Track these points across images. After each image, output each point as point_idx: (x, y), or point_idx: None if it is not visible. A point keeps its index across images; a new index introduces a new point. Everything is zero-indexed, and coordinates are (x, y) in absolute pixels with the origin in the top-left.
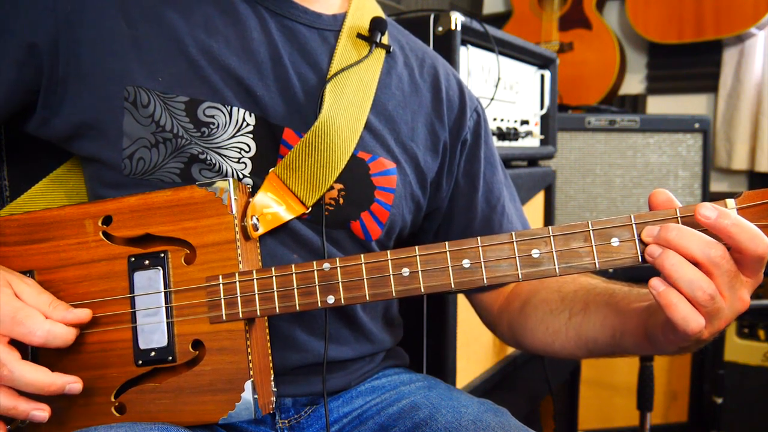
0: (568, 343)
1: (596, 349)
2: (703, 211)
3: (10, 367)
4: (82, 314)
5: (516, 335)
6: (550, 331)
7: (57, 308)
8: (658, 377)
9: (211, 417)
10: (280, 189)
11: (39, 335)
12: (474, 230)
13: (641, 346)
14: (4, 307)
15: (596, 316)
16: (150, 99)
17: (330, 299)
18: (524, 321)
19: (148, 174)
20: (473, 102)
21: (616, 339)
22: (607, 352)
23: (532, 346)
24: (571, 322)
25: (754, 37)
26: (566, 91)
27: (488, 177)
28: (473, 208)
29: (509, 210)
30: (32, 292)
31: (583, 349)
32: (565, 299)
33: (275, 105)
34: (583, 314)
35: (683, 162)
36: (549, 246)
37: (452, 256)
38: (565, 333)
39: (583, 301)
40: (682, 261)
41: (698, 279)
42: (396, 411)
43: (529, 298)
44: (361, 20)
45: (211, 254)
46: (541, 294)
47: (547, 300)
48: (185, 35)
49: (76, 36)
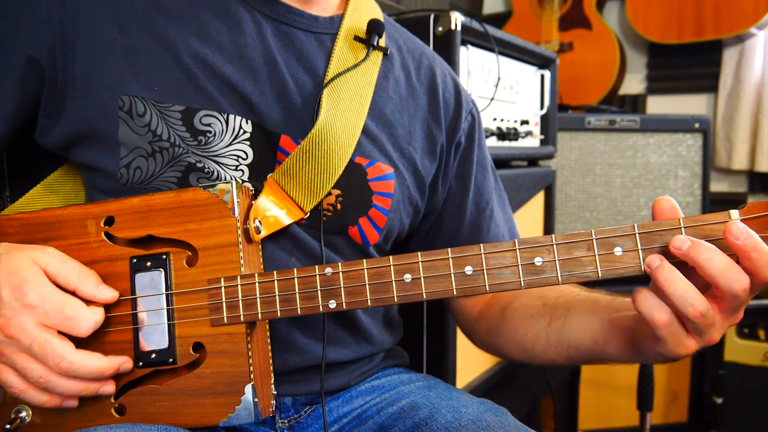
0: (548, 348)
1: (576, 355)
2: (734, 231)
3: (70, 359)
4: (111, 296)
5: (495, 340)
6: (529, 336)
7: (87, 281)
8: (658, 377)
9: (211, 420)
10: (280, 194)
11: (87, 326)
12: (462, 233)
13: (625, 354)
14: (50, 301)
15: (578, 323)
16: (146, 108)
17: (332, 304)
18: (504, 325)
19: (146, 183)
20: (468, 104)
21: (598, 346)
22: (588, 358)
23: (509, 351)
24: (551, 327)
25: (754, 37)
26: (566, 91)
27: (479, 180)
28: (463, 211)
29: (497, 214)
30: (58, 264)
31: (563, 355)
32: (547, 304)
33: (271, 112)
34: (564, 320)
35: (683, 162)
36: (552, 254)
37: (454, 263)
38: (546, 338)
39: (565, 307)
40: (677, 276)
41: (690, 294)
42: (396, 411)
43: (510, 302)
44: (358, 22)
45: (213, 257)
46: (522, 299)
47: (529, 305)
48: (179, 43)
49: (72, 45)
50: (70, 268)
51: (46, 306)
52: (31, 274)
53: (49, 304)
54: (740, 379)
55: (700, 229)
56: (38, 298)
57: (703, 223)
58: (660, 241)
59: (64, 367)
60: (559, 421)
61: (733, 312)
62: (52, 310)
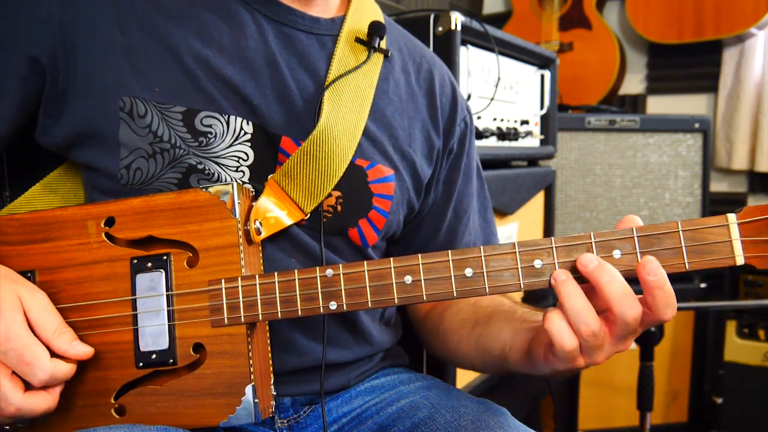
0: (469, 351)
1: (491, 360)
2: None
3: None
4: (84, 352)
5: (432, 340)
6: (455, 339)
7: (62, 336)
8: (658, 377)
9: (211, 420)
10: (280, 195)
11: (41, 378)
12: (439, 237)
13: (522, 363)
14: (15, 342)
15: (493, 329)
16: (147, 109)
17: (332, 305)
18: (439, 326)
19: (146, 184)
20: (463, 111)
21: (504, 353)
22: (498, 365)
23: (441, 352)
24: (473, 332)
25: (754, 37)
26: (566, 91)
27: (461, 188)
28: (443, 218)
29: (473, 222)
30: (41, 312)
31: (480, 360)
32: (477, 311)
33: (272, 113)
34: (484, 326)
35: (683, 162)
36: (551, 257)
37: (455, 265)
38: (467, 341)
39: (488, 314)
40: (577, 292)
41: (587, 312)
42: (395, 411)
43: (449, 305)
44: (359, 24)
45: (213, 258)
46: (460, 303)
47: (462, 310)
48: (179, 44)
49: (73, 46)
50: (50, 320)
51: (8, 345)
52: (7, 308)
53: (12, 343)
54: (740, 379)
55: (698, 233)
56: (3, 335)
57: (701, 226)
58: (658, 244)
59: (11, 413)
60: (559, 421)
61: (622, 339)
62: (12, 351)
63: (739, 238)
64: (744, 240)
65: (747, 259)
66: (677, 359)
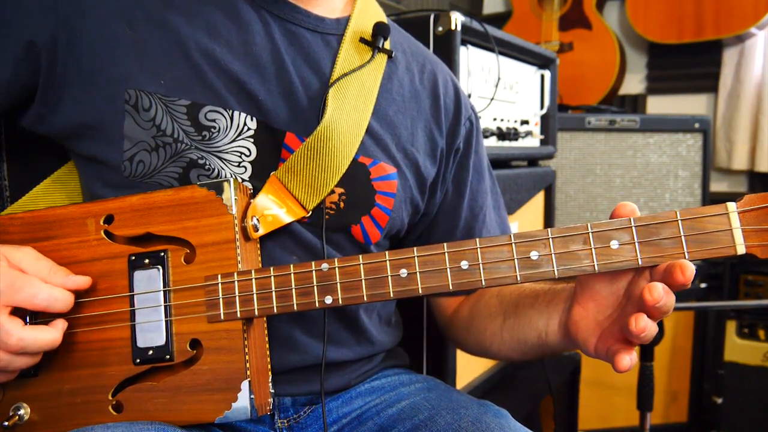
0: (503, 345)
1: (528, 350)
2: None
3: (19, 335)
4: (81, 281)
5: (464, 338)
6: (488, 334)
7: (57, 273)
8: (658, 377)
9: (207, 416)
10: (281, 192)
11: (41, 298)
12: (456, 237)
13: (563, 343)
14: (2, 277)
15: (524, 319)
16: (152, 102)
17: (328, 299)
18: (470, 324)
19: (147, 177)
20: (468, 110)
21: (542, 339)
22: (538, 352)
23: (475, 348)
24: (505, 325)
25: (754, 37)
26: (566, 91)
27: (474, 186)
28: (457, 216)
29: (490, 218)
30: (30, 259)
31: (518, 351)
32: (503, 303)
33: (277, 109)
34: (515, 318)
35: (683, 162)
36: (548, 248)
37: (450, 257)
38: (501, 335)
39: (514, 304)
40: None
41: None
42: (395, 412)
43: (475, 302)
44: (364, 24)
45: (210, 254)
46: (485, 298)
47: (490, 303)
48: (188, 39)
49: (76, 37)
50: (42, 264)
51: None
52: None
53: (2, 280)
54: (740, 379)
55: (698, 222)
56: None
57: (700, 215)
58: (656, 234)
59: (13, 345)
60: (559, 421)
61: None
62: (4, 286)
63: (740, 227)
64: (745, 229)
65: (748, 248)
66: (677, 359)
